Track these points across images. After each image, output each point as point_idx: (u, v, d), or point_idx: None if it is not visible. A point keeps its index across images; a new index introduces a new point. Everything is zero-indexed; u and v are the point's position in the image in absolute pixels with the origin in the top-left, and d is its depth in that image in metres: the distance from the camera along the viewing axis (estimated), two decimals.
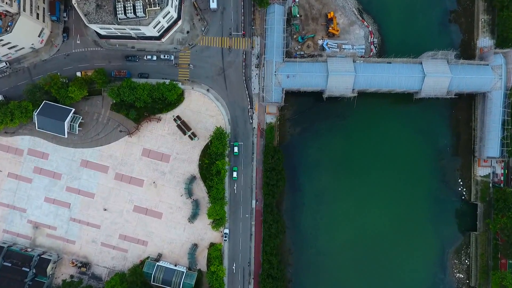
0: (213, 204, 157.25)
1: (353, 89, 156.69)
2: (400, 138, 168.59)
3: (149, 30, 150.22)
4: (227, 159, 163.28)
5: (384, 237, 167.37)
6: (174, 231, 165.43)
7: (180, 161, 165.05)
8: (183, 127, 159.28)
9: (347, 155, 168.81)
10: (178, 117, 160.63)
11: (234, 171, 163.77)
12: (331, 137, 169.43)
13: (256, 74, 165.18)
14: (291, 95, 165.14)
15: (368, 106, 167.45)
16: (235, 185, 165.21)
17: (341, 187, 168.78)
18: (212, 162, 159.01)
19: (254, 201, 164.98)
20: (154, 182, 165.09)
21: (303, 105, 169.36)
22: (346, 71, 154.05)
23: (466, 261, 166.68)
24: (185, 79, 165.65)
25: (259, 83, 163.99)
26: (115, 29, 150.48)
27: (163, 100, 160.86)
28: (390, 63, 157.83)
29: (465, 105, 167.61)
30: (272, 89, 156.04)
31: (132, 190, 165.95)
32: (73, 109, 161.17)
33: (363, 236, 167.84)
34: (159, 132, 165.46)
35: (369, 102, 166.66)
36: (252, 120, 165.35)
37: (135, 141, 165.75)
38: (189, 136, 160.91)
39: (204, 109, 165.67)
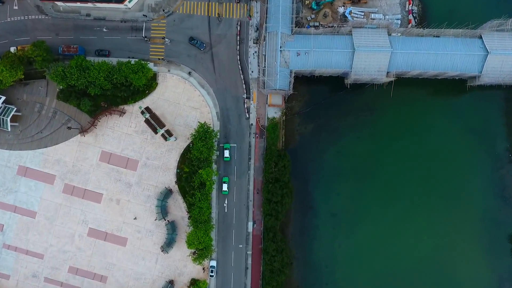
0: (194, 228, 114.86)
1: (387, 72, 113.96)
2: (447, 140, 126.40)
3: None
4: (214, 166, 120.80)
5: (424, 272, 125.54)
6: (143, 263, 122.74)
7: (151, 169, 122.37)
8: (153, 122, 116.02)
9: (376, 162, 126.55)
10: (147, 109, 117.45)
11: (224, 182, 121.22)
12: (354, 138, 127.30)
13: (255, 52, 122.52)
14: (301, 81, 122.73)
15: (404, 97, 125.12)
16: (226, 202, 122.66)
17: (367, 204, 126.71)
18: (194, 171, 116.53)
19: (251, 224, 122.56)
20: (115, 198, 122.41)
21: (318, 94, 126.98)
22: (379, 46, 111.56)
23: None
24: (159, 59, 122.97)
25: (258, 64, 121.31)
26: None
27: (128, 86, 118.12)
28: (439, 36, 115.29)
29: None
30: (276, 71, 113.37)
31: (87, 208, 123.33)
32: (3, 97, 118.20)
33: (395, 270, 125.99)
34: (123, 129, 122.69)
35: (406, 91, 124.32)
36: (248, 115, 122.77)
37: (91, 142, 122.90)
38: (162, 135, 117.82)
39: (184, 99, 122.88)
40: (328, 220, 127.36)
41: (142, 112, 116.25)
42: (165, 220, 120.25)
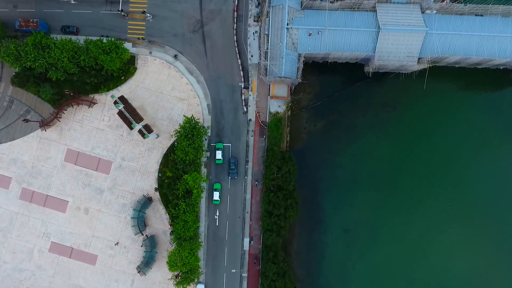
0: (177, 246, 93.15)
1: (419, 58, 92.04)
2: (486, 143, 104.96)
3: None
4: (204, 170, 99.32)
5: None
6: (116, 285, 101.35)
7: (127, 172, 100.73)
8: (128, 115, 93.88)
9: (399, 167, 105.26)
10: (121, 98, 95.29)
11: (215, 190, 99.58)
12: (373, 139, 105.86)
13: (256, 31, 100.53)
14: (312, 68, 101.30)
15: (436, 90, 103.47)
16: (217, 214, 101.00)
17: (387, 218, 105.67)
18: (179, 176, 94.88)
19: (247, 240, 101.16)
20: (83, 207, 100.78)
21: (331, 85, 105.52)
22: (411, 25, 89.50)
23: None
24: (138, 38, 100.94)
25: (259, 46, 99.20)
26: None
27: (99, 70, 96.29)
28: (482, 15, 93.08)
29: None
30: (281, 54, 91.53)
31: (49, 218, 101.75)
32: None
33: None
34: (93, 123, 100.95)
35: (438, 82, 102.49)
36: (247, 108, 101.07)
37: (55, 138, 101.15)
38: (140, 131, 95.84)
39: (168, 87, 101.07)
40: (340, 237, 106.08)
41: (115, 103, 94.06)
42: (143, 234, 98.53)
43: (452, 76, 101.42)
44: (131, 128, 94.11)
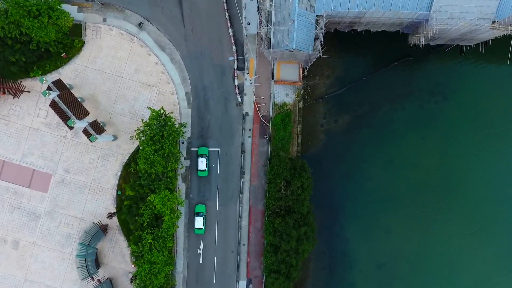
0: None
1: (492, 22, 62.43)
2: None
3: None
4: (181, 187, 69.57)
5: None
6: None
7: (73, 190, 71.03)
8: (65, 107, 63.50)
9: (454, 179, 75.82)
10: (57, 84, 65.02)
11: (198, 215, 70.10)
12: (417, 140, 77.14)
13: None
14: (333, 40, 72.00)
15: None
16: (201, 247, 71.39)
17: (436, 249, 75.94)
18: (143, 196, 65.00)
19: (243, 284, 71.52)
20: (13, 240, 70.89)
21: (360, 64, 76.55)
22: None
23: None
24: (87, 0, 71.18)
25: (259, 9, 68.94)
26: None
27: (26, 43, 66.37)
28: None
29: None
30: (292, 16, 62.04)
31: None
32: None
33: None
34: (24, 120, 71.15)
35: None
36: (242, 98, 71.48)
37: None
38: (86, 130, 65.65)
39: (130, 69, 71.39)
40: (372, 274, 76.88)
41: (49, 89, 63.99)
42: (93, 279, 68.63)
43: None
44: (70, 127, 64.13)
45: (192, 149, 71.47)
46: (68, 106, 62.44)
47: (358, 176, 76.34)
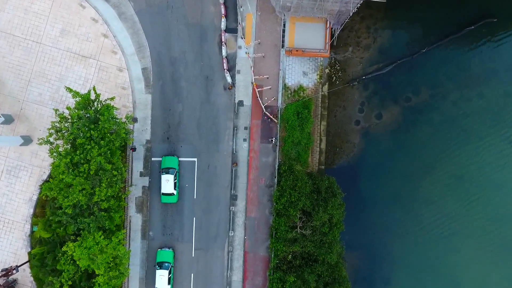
0: None
1: None
2: None
3: None
4: (133, 220, 42.27)
5: None
6: None
7: None
8: None
9: None
10: None
11: (160, 267, 42.37)
12: (503, 146, 48.91)
13: None
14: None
15: None
16: None
17: None
18: (65, 239, 37.47)
19: None
20: None
21: (416, 31, 49.29)
22: None
23: None
24: None
25: None
26: None
27: None
28: None
29: None
30: None
31: None
32: None
33: None
34: None
35: None
36: (233, 77, 44.07)
37: None
38: None
39: (54, 29, 44.05)
40: None
41: None
42: None
43: None
44: None
45: (152, 159, 44.42)
46: None
47: (412, 201, 49.59)
